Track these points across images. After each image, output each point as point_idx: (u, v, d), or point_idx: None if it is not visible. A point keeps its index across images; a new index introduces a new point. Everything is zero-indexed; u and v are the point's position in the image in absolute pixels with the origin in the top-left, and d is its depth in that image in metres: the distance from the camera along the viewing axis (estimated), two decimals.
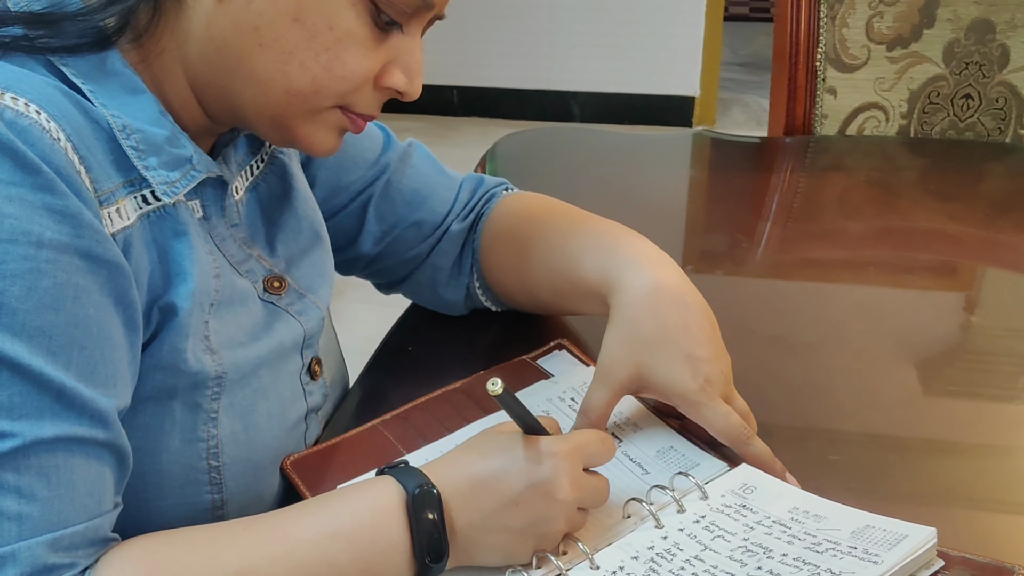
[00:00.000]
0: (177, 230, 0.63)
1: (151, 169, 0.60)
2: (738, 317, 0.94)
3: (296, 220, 0.76)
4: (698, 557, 0.61)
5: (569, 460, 0.61)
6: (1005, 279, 1.06)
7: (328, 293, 0.77)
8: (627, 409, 0.76)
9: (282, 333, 0.71)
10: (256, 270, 0.71)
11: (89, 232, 0.54)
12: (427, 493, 0.59)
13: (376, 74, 0.64)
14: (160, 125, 0.61)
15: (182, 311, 0.62)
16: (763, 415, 0.76)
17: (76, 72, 0.59)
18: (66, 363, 0.53)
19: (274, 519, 0.59)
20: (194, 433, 0.64)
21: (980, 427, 0.78)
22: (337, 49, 0.61)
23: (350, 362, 0.89)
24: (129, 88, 0.60)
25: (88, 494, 0.54)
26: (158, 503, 0.64)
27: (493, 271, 0.88)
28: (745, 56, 4.50)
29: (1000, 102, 1.49)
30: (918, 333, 0.92)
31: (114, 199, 0.58)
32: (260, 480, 0.69)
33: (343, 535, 0.58)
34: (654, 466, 0.70)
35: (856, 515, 0.64)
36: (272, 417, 0.70)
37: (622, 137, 1.46)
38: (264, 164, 0.76)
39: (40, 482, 0.51)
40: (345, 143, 0.86)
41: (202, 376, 0.63)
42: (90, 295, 0.54)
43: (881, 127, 1.51)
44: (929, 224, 1.15)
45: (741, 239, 1.12)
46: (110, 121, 0.59)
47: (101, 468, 0.55)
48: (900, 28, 1.46)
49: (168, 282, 0.62)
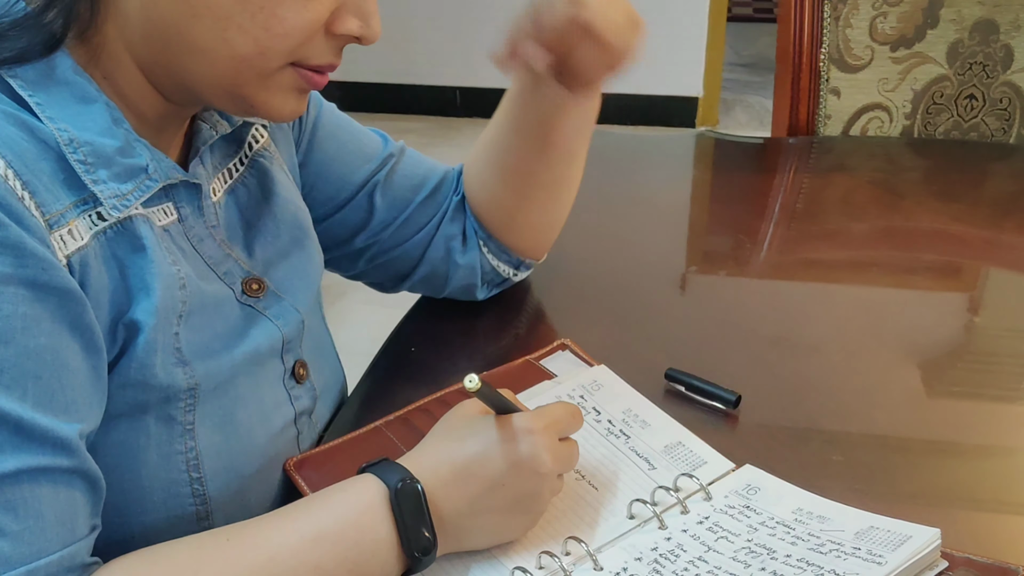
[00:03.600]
0: (135, 245, 0.61)
1: (100, 183, 0.58)
2: (741, 318, 0.94)
3: (275, 224, 0.75)
4: (702, 558, 0.61)
5: (545, 434, 0.62)
6: (1009, 280, 1.06)
7: (308, 297, 0.76)
8: (636, 407, 0.76)
9: (259, 339, 0.70)
10: (234, 271, 0.70)
11: (32, 261, 0.53)
12: (409, 487, 0.59)
13: (326, 22, 0.61)
14: (111, 135, 0.59)
15: (147, 327, 0.60)
16: (766, 415, 0.76)
17: (24, 83, 0.57)
18: (21, 395, 0.52)
19: (257, 527, 0.59)
20: (171, 447, 0.63)
21: (984, 428, 0.78)
22: (272, 6, 0.58)
23: (353, 363, 0.89)
24: (79, 97, 0.58)
25: (59, 523, 0.53)
26: (141, 518, 0.63)
27: (478, 192, 0.91)
28: (748, 57, 4.50)
29: (1004, 103, 1.49)
30: (921, 334, 0.91)
31: (64, 221, 0.56)
32: (247, 489, 0.69)
33: (328, 538, 0.58)
34: (661, 462, 0.70)
35: (860, 516, 0.63)
36: (254, 425, 0.69)
37: (625, 138, 1.46)
38: (244, 167, 0.75)
39: (7, 517, 0.50)
40: (345, 142, 0.87)
41: (173, 389, 0.62)
42: (40, 324, 0.53)
43: (884, 128, 1.51)
44: (933, 225, 1.15)
45: (744, 240, 1.12)
46: (56, 136, 0.57)
47: (70, 494, 0.54)
48: (904, 28, 1.46)
49: (131, 298, 0.60)
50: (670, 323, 0.94)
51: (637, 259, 1.07)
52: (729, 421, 0.77)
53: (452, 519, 0.60)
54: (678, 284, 1.03)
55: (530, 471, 0.61)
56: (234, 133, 0.73)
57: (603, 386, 0.78)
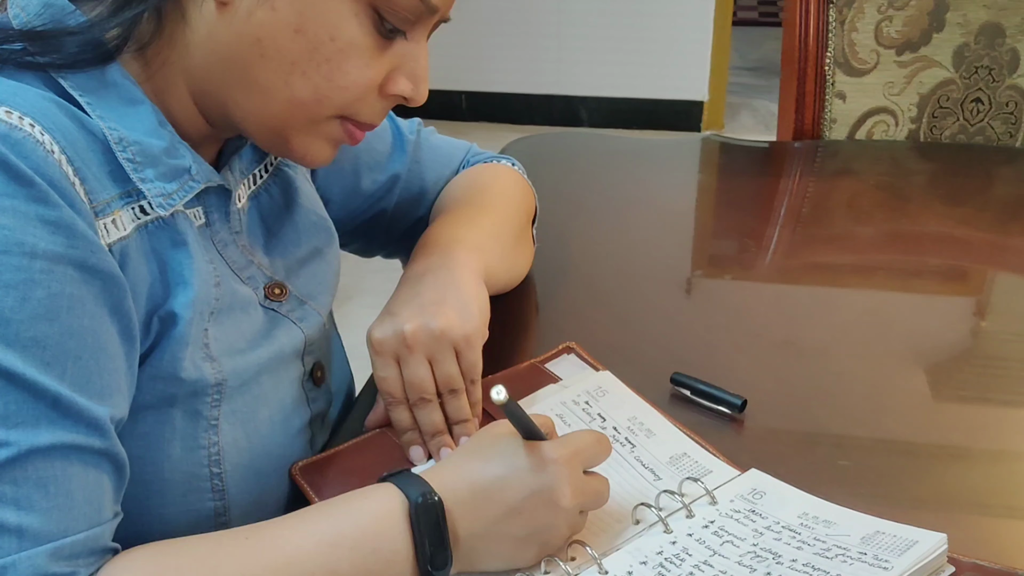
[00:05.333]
0: (175, 240, 0.63)
1: (147, 181, 0.60)
2: (747, 322, 0.94)
3: (295, 234, 0.76)
4: (707, 562, 0.61)
5: (570, 466, 0.61)
6: (1015, 283, 1.06)
7: (328, 301, 0.78)
8: (641, 415, 0.76)
9: (282, 340, 0.71)
10: (257, 277, 0.71)
11: (83, 243, 0.54)
12: (430, 502, 0.59)
13: (380, 82, 0.64)
14: (158, 136, 0.61)
15: (182, 320, 0.61)
16: (772, 420, 0.76)
17: (74, 85, 0.59)
18: (61, 373, 0.53)
19: (276, 528, 0.59)
20: (195, 441, 0.64)
21: (990, 432, 0.78)
22: (339, 59, 0.61)
23: (360, 366, 0.89)
24: (127, 99, 0.60)
25: (87, 502, 0.54)
26: (160, 511, 0.64)
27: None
28: (754, 60, 4.49)
29: (1010, 106, 1.49)
30: (928, 337, 0.91)
31: (110, 210, 0.58)
32: (263, 487, 0.69)
33: (345, 544, 0.58)
34: (666, 472, 0.70)
35: (866, 520, 0.63)
36: (274, 424, 0.70)
37: (630, 142, 1.46)
38: (268, 175, 0.76)
39: (38, 492, 0.51)
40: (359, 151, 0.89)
41: (201, 384, 0.63)
42: (84, 305, 0.54)
43: (890, 131, 1.51)
44: (939, 228, 1.15)
45: (750, 243, 1.12)
46: (106, 133, 0.59)
47: (99, 476, 0.55)
48: (909, 32, 1.45)
49: (168, 291, 0.62)
50: (676, 327, 0.94)
51: (643, 263, 1.07)
52: (735, 425, 0.77)
53: (467, 539, 0.60)
54: (684, 288, 1.03)
55: (549, 502, 0.60)
56: None
57: (608, 392, 0.78)
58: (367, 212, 0.91)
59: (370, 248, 0.97)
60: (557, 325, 0.91)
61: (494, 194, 0.91)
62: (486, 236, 0.84)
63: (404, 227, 0.93)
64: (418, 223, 0.93)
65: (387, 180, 0.90)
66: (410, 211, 0.93)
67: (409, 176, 0.91)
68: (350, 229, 0.92)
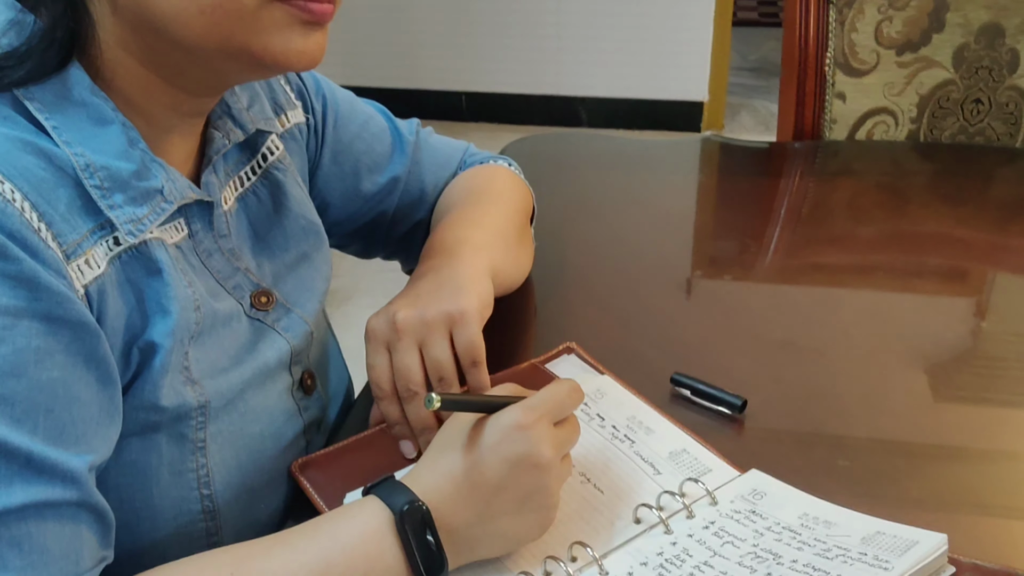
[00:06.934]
0: (150, 268, 0.61)
1: (116, 208, 0.58)
2: (747, 322, 0.94)
3: (284, 239, 0.75)
4: (707, 563, 0.61)
5: (538, 426, 0.60)
6: (1015, 284, 1.06)
7: (316, 308, 0.77)
8: (640, 412, 0.76)
9: (267, 353, 0.70)
10: (243, 285, 0.70)
11: (47, 295, 0.53)
12: (415, 509, 0.58)
13: None
14: (127, 158, 0.59)
15: (163, 350, 0.60)
16: (772, 420, 0.76)
17: (41, 106, 0.57)
18: (32, 428, 0.51)
19: (263, 559, 0.57)
20: (183, 464, 0.63)
21: (990, 432, 0.78)
22: None
23: (359, 366, 0.89)
24: (96, 119, 0.58)
25: (64, 556, 0.52)
26: (151, 536, 0.63)
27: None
28: (754, 61, 4.49)
29: (1010, 107, 1.49)
30: (928, 338, 0.91)
31: (81, 251, 0.56)
32: (256, 503, 0.68)
33: (336, 569, 0.56)
34: (666, 467, 0.70)
35: (866, 521, 0.63)
36: (265, 439, 0.69)
37: (630, 142, 1.46)
38: (257, 176, 0.75)
39: (12, 552, 0.50)
40: (360, 152, 0.88)
41: (184, 408, 0.62)
42: (53, 357, 0.53)
43: (890, 132, 1.51)
44: (939, 229, 1.15)
45: (750, 244, 1.12)
46: (73, 161, 0.57)
47: (76, 528, 0.54)
48: (909, 33, 1.45)
49: (146, 321, 0.60)
50: (676, 327, 0.94)
51: (643, 263, 1.07)
52: (735, 426, 0.77)
53: (463, 531, 0.59)
54: (684, 288, 1.03)
55: (530, 467, 0.59)
56: (248, 141, 0.74)
57: (607, 394, 0.78)
58: (368, 214, 0.91)
59: (370, 250, 0.97)
60: (557, 325, 0.91)
61: (494, 194, 0.91)
62: (490, 235, 0.84)
63: (404, 229, 0.93)
64: (418, 225, 0.93)
65: (387, 182, 0.90)
66: (410, 213, 0.93)
67: (409, 178, 0.91)
68: (350, 231, 0.91)
